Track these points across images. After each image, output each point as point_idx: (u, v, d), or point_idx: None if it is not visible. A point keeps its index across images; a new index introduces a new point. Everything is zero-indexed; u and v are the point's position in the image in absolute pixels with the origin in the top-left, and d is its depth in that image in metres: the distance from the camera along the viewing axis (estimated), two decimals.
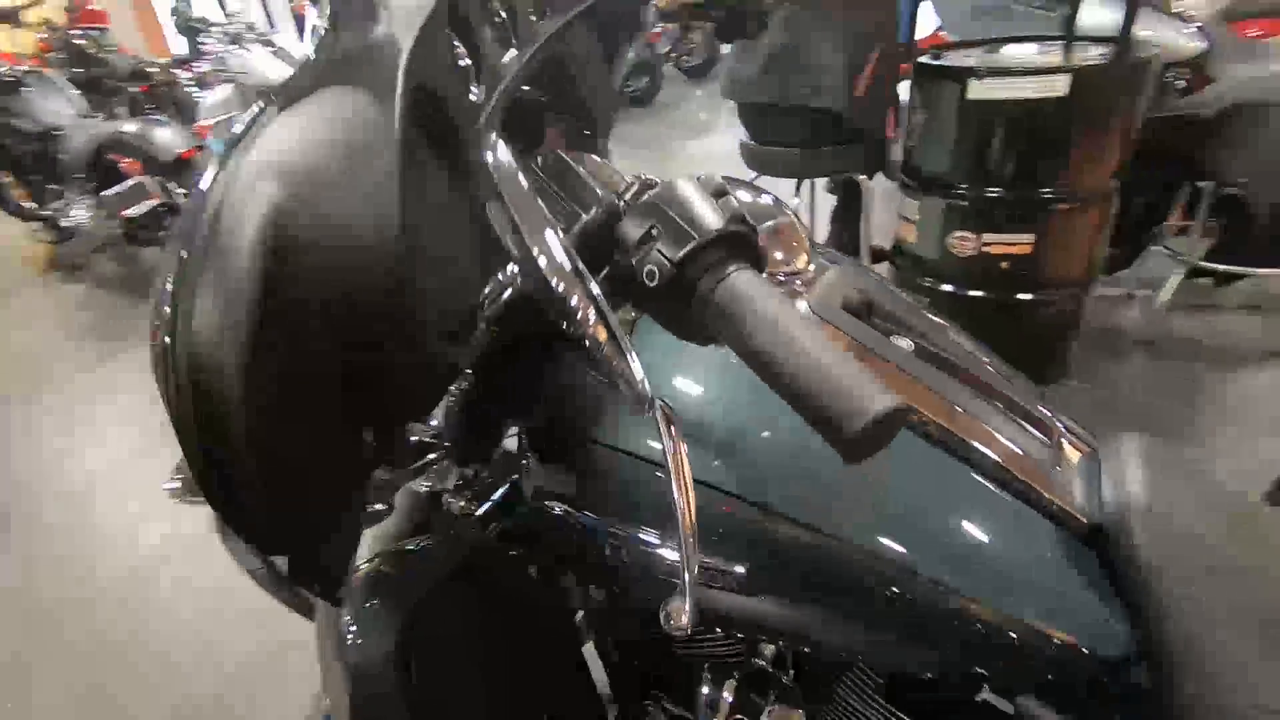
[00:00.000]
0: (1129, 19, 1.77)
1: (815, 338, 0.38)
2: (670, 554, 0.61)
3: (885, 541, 0.57)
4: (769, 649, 0.71)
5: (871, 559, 0.57)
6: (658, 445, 0.62)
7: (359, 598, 0.66)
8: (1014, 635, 0.56)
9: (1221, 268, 2.41)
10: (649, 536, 0.62)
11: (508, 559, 0.81)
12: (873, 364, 0.65)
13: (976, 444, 0.60)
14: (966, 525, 0.58)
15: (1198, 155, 2.17)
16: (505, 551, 0.83)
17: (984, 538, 0.58)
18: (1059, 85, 1.77)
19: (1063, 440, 0.65)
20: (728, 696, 0.70)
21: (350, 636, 0.63)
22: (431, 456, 0.76)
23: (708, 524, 0.58)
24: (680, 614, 0.49)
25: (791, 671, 0.73)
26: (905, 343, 0.68)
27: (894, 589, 0.57)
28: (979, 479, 0.60)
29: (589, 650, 0.92)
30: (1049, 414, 0.67)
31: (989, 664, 0.58)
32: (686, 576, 0.49)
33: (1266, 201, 2.06)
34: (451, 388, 0.75)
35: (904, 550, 0.57)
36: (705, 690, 0.73)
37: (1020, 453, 0.61)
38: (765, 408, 0.63)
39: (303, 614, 1.51)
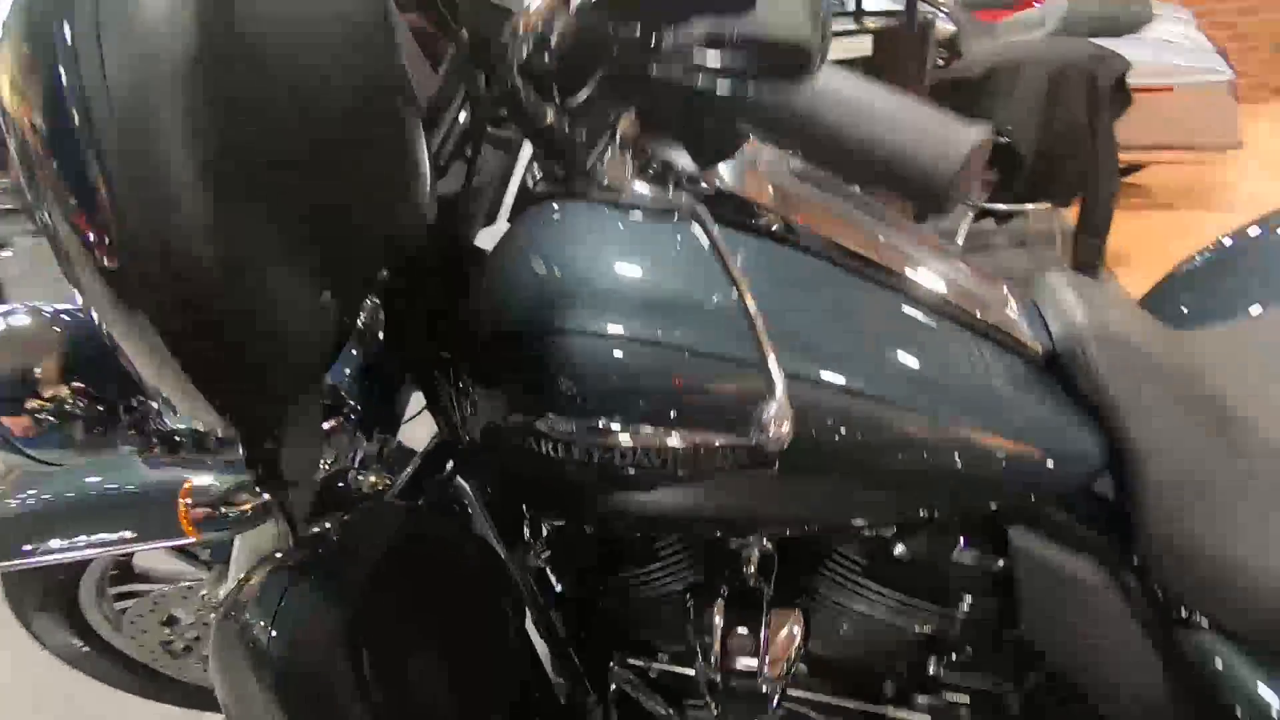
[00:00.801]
0: None
1: (879, 91, 0.35)
2: (641, 441, 0.52)
3: (851, 376, 0.54)
4: (753, 554, 0.67)
5: (842, 396, 0.54)
6: (620, 329, 0.53)
7: (273, 595, 0.53)
8: (990, 456, 0.57)
9: (1001, 207, 2.79)
10: (617, 424, 0.53)
11: (439, 536, 0.71)
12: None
13: (931, 285, 0.60)
14: (932, 356, 0.58)
15: (972, 111, 2.49)
16: (435, 527, 0.72)
17: (950, 366, 0.58)
18: (865, 45, 1.96)
19: (1002, 283, 0.68)
20: (718, 619, 0.65)
21: (274, 641, 0.50)
22: (330, 425, 0.64)
23: (667, 398, 0.52)
24: (782, 421, 0.41)
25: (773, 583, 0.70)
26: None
27: (864, 423, 0.54)
28: (938, 314, 0.60)
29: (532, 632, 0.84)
30: (978, 265, 0.69)
31: (971, 490, 0.59)
32: (775, 374, 0.42)
33: (1027, 144, 2.42)
34: (353, 339, 0.64)
35: (875, 383, 0.55)
36: (692, 620, 0.68)
37: (972, 291, 0.62)
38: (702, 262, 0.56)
39: (124, 688, 1.23)
